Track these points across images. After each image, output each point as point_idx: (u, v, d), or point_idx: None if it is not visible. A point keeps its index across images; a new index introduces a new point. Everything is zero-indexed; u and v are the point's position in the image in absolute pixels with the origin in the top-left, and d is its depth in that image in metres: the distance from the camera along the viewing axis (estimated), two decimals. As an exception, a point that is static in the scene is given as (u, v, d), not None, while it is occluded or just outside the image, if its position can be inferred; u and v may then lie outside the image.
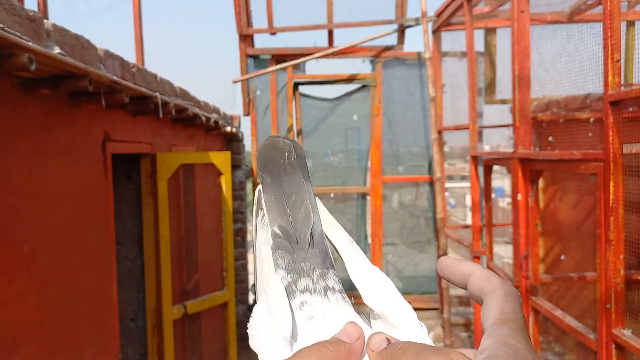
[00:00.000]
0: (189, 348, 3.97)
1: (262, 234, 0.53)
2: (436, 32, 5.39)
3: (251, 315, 0.49)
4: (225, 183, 4.25)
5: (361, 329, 0.43)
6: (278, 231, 0.51)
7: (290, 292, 0.49)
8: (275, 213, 0.52)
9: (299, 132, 6.14)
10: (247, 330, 0.48)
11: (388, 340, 0.42)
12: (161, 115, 3.09)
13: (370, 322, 0.48)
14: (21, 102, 2.04)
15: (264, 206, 0.53)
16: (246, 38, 5.88)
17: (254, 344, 0.46)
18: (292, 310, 0.48)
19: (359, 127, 6.20)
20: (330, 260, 0.51)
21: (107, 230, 2.82)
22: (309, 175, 0.53)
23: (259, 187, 0.55)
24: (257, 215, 0.56)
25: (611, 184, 2.12)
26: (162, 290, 3.60)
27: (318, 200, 0.54)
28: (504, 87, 4.86)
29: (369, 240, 6.23)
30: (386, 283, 0.50)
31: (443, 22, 5.06)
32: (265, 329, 0.46)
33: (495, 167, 4.35)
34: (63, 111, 2.37)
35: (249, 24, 5.85)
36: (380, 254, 6.14)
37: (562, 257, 3.94)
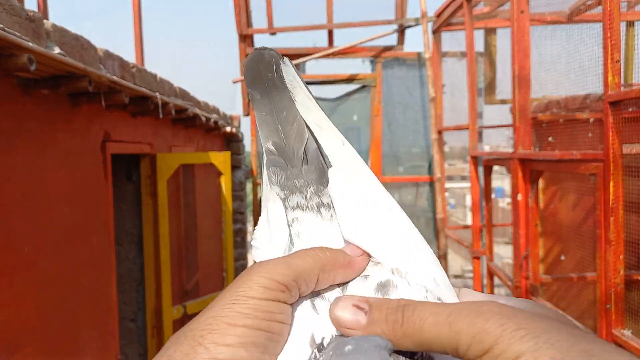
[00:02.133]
0: (189, 348, 3.96)
1: (263, 154, 0.53)
2: (436, 32, 5.39)
3: (254, 229, 0.50)
4: (225, 183, 4.25)
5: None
6: (272, 147, 0.49)
7: (284, 208, 0.49)
8: (266, 130, 0.50)
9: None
10: (251, 242, 0.49)
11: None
12: (161, 116, 3.09)
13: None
14: (21, 103, 2.04)
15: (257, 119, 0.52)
16: (246, 38, 5.88)
17: (255, 255, 0.47)
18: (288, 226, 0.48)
19: (359, 127, 6.20)
20: (327, 177, 0.49)
21: (107, 231, 2.82)
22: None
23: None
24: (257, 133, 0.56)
25: (611, 184, 2.12)
26: (161, 290, 3.60)
27: (314, 105, 0.51)
28: (504, 87, 4.86)
29: (369, 240, 6.22)
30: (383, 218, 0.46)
31: (443, 23, 5.06)
32: (265, 242, 0.47)
33: (495, 168, 4.35)
34: (63, 111, 2.37)
35: (249, 24, 5.85)
36: (380, 254, 6.13)
37: (562, 258, 3.94)
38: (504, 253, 9.59)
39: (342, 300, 0.38)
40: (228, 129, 5.29)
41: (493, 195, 5.05)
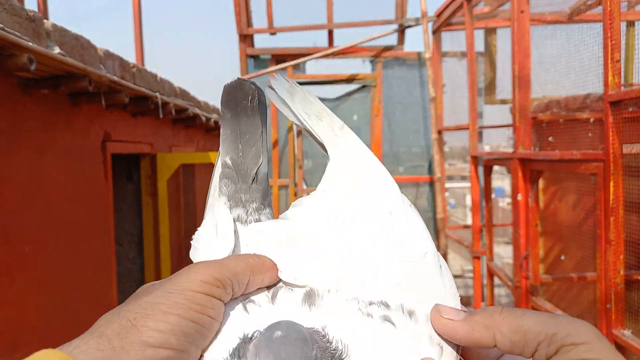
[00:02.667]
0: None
1: (218, 164, 0.57)
2: (436, 32, 5.39)
3: (197, 230, 0.53)
4: (225, 183, 4.25)
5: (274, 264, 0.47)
6: (229, 162, 0.55)
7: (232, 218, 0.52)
8: (227, 146, 0.55)
9: (299, 132, 6.14)
10: (192, 242, 0.51)
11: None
12: (161, 116, 3.09)
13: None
14: (21, 102, 2.04)
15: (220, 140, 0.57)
16: (246, 38, 5.88)
17: (193, 254, 0.49)
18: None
19: (359, 127, 6.19)
20: (269, 200, 0.56)
21: (107, 230, 2.82)
22: (266, 123, 0.57)
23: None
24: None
25: (611, 184, 2.12)
26: (162, 290, 3.60)
27: (313, 98, 0.57)
28: (504, 87, 4.86)
29: (369, 240, 6.23)
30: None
31: (443, 22, 5.06)
32: (207, 244, 0.50)
33: (495, 167, 4.35)
34: (63, 111, 2.37)
35: (249, 24, 5.85)
36: (380, 254, 6.14)
37: (563, 258, 3.94)
38: (504, 253, 9.59)
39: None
40: (228, 128, 5.29)
41: (493, 195, 5.05)
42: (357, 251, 0.48)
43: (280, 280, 0.47)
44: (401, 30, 5.80)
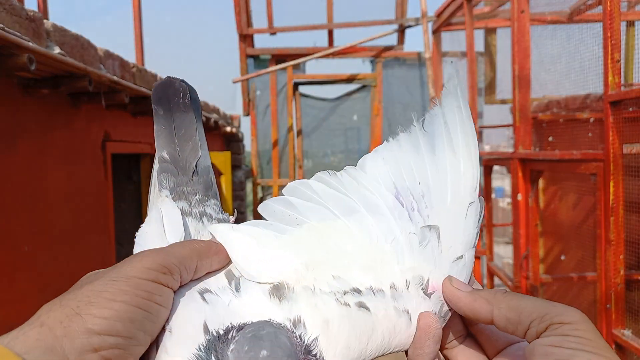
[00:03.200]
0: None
1: (155, 160, 0.57)
2: (436, 32, 5.39)
3: (140, 227, 0.52)
4: (225, 183, 4.25)
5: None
6: (166, 156, 0.55)
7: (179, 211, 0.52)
8: (163, 141, 0.55)
9: (299, 132, 6.14)
10: (135, 240, 0.50)
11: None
12: (161, 115, 3.09)
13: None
14: (21, 102, 2.04)
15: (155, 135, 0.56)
16: (246, 38, 5.88)
17: (136, 251, 0.48)
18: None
19: (359, 127, 6.20)
20: (214, 191, 0.55)
21: (107, 231, 2.82)
22: (201, 118, 0.58)
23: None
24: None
25: (611, 184, 2.12)
26: (162, 290, 3.60)
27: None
28: (504, 87, 4.86)
29: (369, 240, 6.23)
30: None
31: (443, 22, 5.06)
32: (152, 239, 0.49)
33: (496, 167, 4.35)
34: (63, 111, 2.37)
35: (249, 24, 5.85)
36: (380, 254, 6.14)
37: (563, 258, 3.94)
38: (504, 253, 9.59)
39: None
40: (228, 129, 5.29)
41: (493, 195, 5.05)
42: (327, 238, 0.47)
43: (230, 262, 0.46)
44: (401, 30, 5.80)
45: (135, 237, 0.51)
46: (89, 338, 0.34)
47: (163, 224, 0.50)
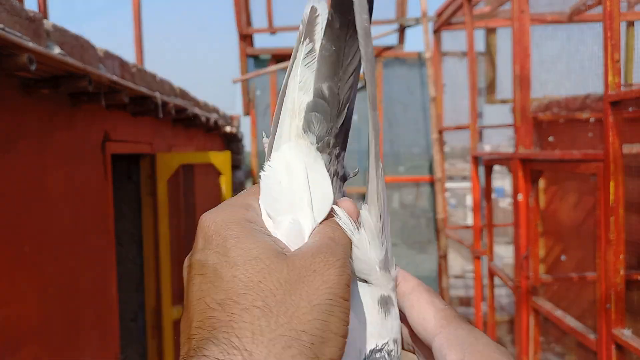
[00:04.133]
0: (189, 348, 3.97)
1: (303, 72, 0.44)
2: (437, 32, 5.39)
3: (268, 166, 0.43)
4: (225, 183, 4.25)
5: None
6: (325, 91, 0.42)
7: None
8: (327, 69, 0.42)
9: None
10: (260, 183, 0.42)
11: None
12: (161, 116, 3.09)
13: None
14: (21, 102, 2.04)
15: (317, 44, 0.43)
16: (246, 38, 5.88)
17: (267, 200, 0.41)
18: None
19: (359, 127, 6.20)
20: (346, 143, 0.46)
21: (107, 231, 2.82)
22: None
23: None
24: (302, 41, 0.44)
25: (611, 184, 2.12)
26: (162, 290, 3.60)
27: None
28: (505, 87, 4.85)
29: (369, 240, 6.23)
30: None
31: (443, 22, 5.05)
32: (294, 200, 0.40)
33: (496, 167, 4.35)
34: (63, 111, 2.37)
35: (249, 23, 5.85)
36: (380, 254, 6.14)
37: (563, 258, 3.94)
38: (504, 253, 9.58)
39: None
40: (228, 129, 5.29)
41: (494, 195, 5.05)
42: None
43: None
44: (401, 30, 5.80)
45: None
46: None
47: (308, 183, 0.40)
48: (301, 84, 0.43)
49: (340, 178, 0.45)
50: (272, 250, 0.35)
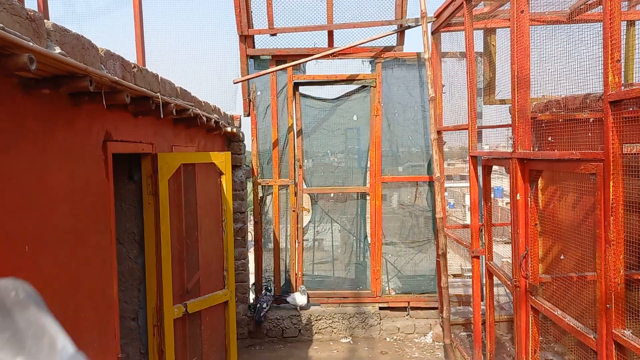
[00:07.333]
0: (190, 347, 3.97)
1: None
2: (436, 32, 5.39)
3: None
4: (226, 183, 4.25)
5: None
6: None
7: None
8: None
9: (299, 132, 6.14)
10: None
11: None
12: (162, 116, 3.09)
13: None
14: (22, 102, 2.04)
15: None
16: (246, 39, 5.88)
17: None
18: None
19: (359, 127, 6.20)
20: None
21: (108, 230, 2.82)
22: None
23: None
24: None
25: (611, 184, 2.13)
26: (162, 289, 3.61)
27: None
28: (504, 87, 4.86)
29: (369, 239, 6.24)
30: None
31: (442, 23, 5.06)
32: None
33: (495, 167, 4.36)
34: (64, 111, 2.37)
35: (250, 24, 5.85)
36: (379, 253, 6.14)
37: (562, 257, 3.94)
38: (503, 253, 9.60)
39: None
40: (229, 129, 5.30)
41: (492, 195, 5.06)
42: None
43: None
44: (401, 31, 5.81)
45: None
46: None
47: None
48: None
49: None
50: None
